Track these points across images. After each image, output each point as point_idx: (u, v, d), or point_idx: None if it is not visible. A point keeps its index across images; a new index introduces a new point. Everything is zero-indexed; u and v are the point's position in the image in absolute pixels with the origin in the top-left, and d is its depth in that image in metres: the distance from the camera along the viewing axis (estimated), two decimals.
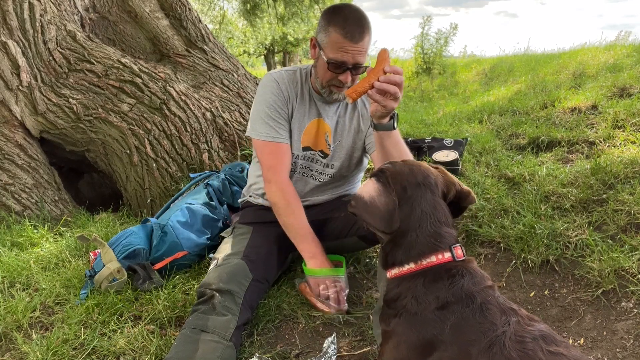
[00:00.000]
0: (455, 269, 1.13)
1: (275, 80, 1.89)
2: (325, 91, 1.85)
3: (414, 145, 3.18)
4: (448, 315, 1.06)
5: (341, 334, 1.69)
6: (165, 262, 2.02)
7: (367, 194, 1.20)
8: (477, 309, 1.06)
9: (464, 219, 2.28)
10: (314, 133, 1.94)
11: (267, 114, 1.86)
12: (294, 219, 1.84)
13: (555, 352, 0.97)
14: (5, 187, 2.76)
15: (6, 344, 1.70)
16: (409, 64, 8.45)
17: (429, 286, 1.12)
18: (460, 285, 1.10)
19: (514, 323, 1.02)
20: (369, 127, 1.94)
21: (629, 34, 7.73)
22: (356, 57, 1.71)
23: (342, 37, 1.68)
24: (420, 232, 1.16)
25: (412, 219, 1.17)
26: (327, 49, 1.73)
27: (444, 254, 1.15)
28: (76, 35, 3.09)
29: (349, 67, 1.73)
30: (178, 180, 2.85)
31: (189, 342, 1.48)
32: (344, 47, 1.69)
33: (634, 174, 2.17)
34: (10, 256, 2.24)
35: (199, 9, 15.19)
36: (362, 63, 1.74)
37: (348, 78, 1.76)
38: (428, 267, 1.14)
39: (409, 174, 1.22)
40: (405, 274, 1.16)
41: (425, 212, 1.17)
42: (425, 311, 1.09)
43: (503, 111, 3.88)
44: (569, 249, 1.90)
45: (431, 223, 1.17)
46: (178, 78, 3.22)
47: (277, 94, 1.87)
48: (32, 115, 2.89)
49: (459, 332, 1.04)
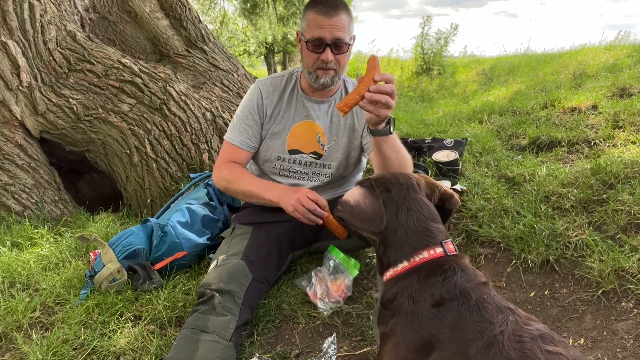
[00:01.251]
0: (448, 264, 1.14)
1: (258, 89, 1.96)
2: (312, 77, 1.86)
3: (414, 145, 3.18)
4: (445, 313, 1.07)
5: (341, 334, 1.69)
6: (166, 262, 2.02)
7: (352, 198, 1.24)
8: (473, 307, 1.06)
9: (464, 219, 2.28)
10: (302, 135, 1.94)
11: (241, 119, 1.95)
12: (245, 182, 1.87)
13: (553, 352, 0.97)
14: (5, 187, 2.76)
15: (6, 344, 1.70)
16: (409, 64, 8.45)
17: (423, 283, 1.13)
18: (453, 281, 1.10)
19: (512, 322, 1.02)
20: (364, 127, 1.94)
21: (629, 34, 7.73)
22: (333, 31, 1.74)
23: (316, 14, 1.74)
24: (409, 229, 1.18)
25: (399, 217, 1.19)
26: (306, 32, 1.79)
27: (436, 249, 1.16)
28: (76, 35, 3.09)
29: (328, 43, 1.76)
30: (178, 181, 2.85)
31: (189, 342, 1.48)
32: (319, 23, 1.74)
33: (634, 174, 2.17)
34: (10, 256, 2.24)
35: (199, 9, 15.19)
36: (341, 39, 1.77)
37: (329, 56, 1.77)
38: (421, 264, 1.15)
39: (392, 177, 1.27)
40: (400, 274, 1.17)
41: (410, 209, 1.20)
42: (421, 309, 1.09)
43: (503, 111, 3.88)
44: (569, 249, 1.90)
45: (418, 219, 1.19)
46: (178, 78, 3.22)
47: (257, 102, 1.94)
48: (32, 116, 2.89)
49: (457, 331, 1.04)
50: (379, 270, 1.26)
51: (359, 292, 1.92)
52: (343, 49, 1.80)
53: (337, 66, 1.82)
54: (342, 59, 1.83)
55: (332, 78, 1.85)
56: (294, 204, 1.70)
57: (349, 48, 1.83)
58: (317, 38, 1.76)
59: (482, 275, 1.16)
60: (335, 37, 1.75)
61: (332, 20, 1.73)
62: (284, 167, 1.98)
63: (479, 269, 1.51)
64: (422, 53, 8.09)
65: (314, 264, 2.09)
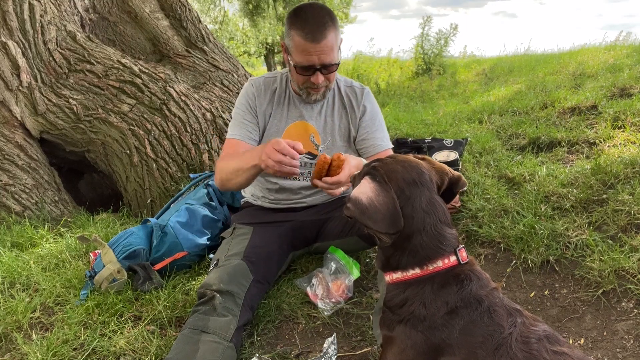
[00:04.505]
0: (463, 274, 1.10)
1: (252, 85, 1.94)
2: (303, 93, 1.85)
3: (414, 145, 3.18)
4: (457, 320, 1.05)
5: (341, 334, 1.69)
6: (166, 262, 2.02)
7: (364, 195, 1.12)
8: (484, 311, 1.05)
9: (464, 219, 2.28)
10: (296, 136, 1.93)
11: (238, 114, 1.92)
12: (232, 161, 1.78)
13: (559, 352, 0.98)
14: (5, 187, 2.76)
15: (6, 344, 1.70)
16: (409, 64, 8.45)
17: (437, 292, 1.09)
18: (469, 290, 1.08)
19: (520, 324, 1.03)
20: (358, 130, 1.94)
21: (629, 35, 7.72)
22: (321, 57, 1.70)
23: (303, 40, 1.67)
24: (425, 235, 1.12)
25: (415, 220, 1.11)
26: (294, 54, 1.73)
27: (450, 257, 1.12)
28: (76, 35, 3.09)
29: (317, 68, 1.73)
30: (178, 181, 2.85)
31: (189, 342, 1.48)
32: (307, 49, 1.68)
33: (634, 174, 2.17)
34: (10, 256, 2.24)
35: (199, 9, 15.18)
36: (329, 62, 1.73)
37: (319, 79, 1.75)
38: (435, 272, 1.11)
39: (403, 172, 1.16)
40: (410, 279, 1.12)
41: (427, 212, 1.13)
42: (434, 317, 1.07)
43: (503, 111, 3.88)
44: (569, 249, 1.90)
45: (434, 224, 1.13)
46: (178, 78, 3.22)
47: (252, 99, 1.91)
48: (32, 116, 2.89)
49: (467, 335, 1.04)
50: (382, 267, 1.20)
51: (359, 292, 1.92)
52: (332, 69, 1.77)
53: (327, 83, 1.80)
54: (333, 77, 1.81)
55: (323, 94, 1.85)
56: (265, 160, 1.57)
57: (337, 66, 1.79)
58: (307, 65, 1.71)
59: (491, 280, 1.15)
60: (323, 63, 1.71)
61: (320, 45, 1.67)
62: None
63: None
64: (422, 53, 8.09)
65: (314, 264, 2.09)
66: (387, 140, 1.97)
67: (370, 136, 1.93)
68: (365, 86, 2.01)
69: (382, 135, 1.95)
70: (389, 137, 2.01)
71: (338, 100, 1.96)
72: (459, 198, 2.39)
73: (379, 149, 1.93)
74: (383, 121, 2.01)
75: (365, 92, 1.97)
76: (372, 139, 1.93)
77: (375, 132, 1.94)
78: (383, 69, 8.59)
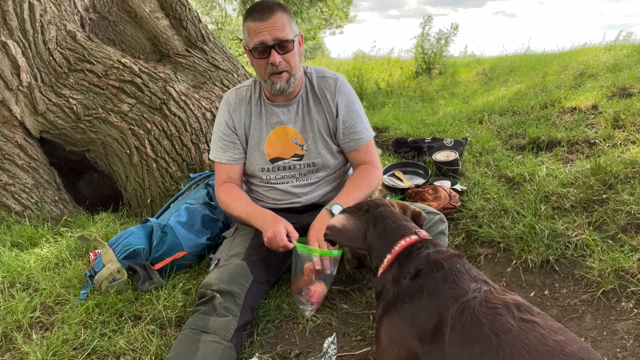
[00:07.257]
0: (421, 243, 1.29)
1: (226, 102, 1.97)
2: (268, 84, 1.83)
3: (414, 145, 3.18)
4: (422, 282, 1.17)
5: (341, 334, 1.69)
6: (166, 262, 2.02)
7: (338, 222, 1.44)
8: (447, 274, 1.15)
9: (464, 219, 2.28)
10: (278, 142, 1.92)
11: (219, 136, 1.96)
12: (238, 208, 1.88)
13: (527, 320, 0.99)
14: (5, 187, 2.76)
15: (6, 344, 1.70)
16: (409, 64, 8.45)
17: (402, 264, 1.26)
18: (425, 254, 1.23)
19: (486, 291, 1.09)
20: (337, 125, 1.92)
21: (630, 35, 7.71)
22: (273, 32, 1.72)
23: (252, 22, 1.73)
24: (387, 229, 1.36)
25: (377, 225, 1.38)
26: (249, 42, 1.77)
27: (411, 237, 1.33)
28: (76, 35, 3.09)
29: (271, 46, 1.73)
30: (178, 181, 2.85)
31: (190, 342, 1.48)
32: (257, 28, 1.72)
33: (634, 174, 2.17)
34: (10, 256, 2.25)
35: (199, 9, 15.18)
36: (282, 38, 1.73)
37: (276, 58, 1.74)
38: (400, 251, 1.30)
39: (369, 201, 1.51)
40: (387, 267, 1.31)
41: (386, 217, 1.39)
42: (403, 285, 1.21)
43: (503, 111, 3.88)
44: (569, 249, 1.90)
45: (393, 221, 1.38)
46: (178, 78, 3.21)
47: (227, 116, 1.94)
48: (32, 116, 2.89)
49: (434, 297, 1.12)
50: (374, 270, 1.37)
51: (359, 292, 1.92)
52: (289, 48, 1.75)
53: (288, 67, 1.77)
54: (292, 59, 1.78)
55: (287, 81, 1.80)
56: (269, 237, 1.71)
57: (295, 46, 1.78)
58: (259, 43, 1.73)
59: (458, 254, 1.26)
60: (276, 38, 1.72)
61: (269, 22, 1.71)
62: (271, 178, 1.95)
63: (479, 269, 1.51)
64: (422, 53, 8.08)
65: None
66: (367, 131, 1.96)
67: (350, 131, 1.92)
68: (339, 75, 1.98)
69: (361, 128, 1.94)
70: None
71: (312, 95, 1.93)
72: (458, 198, 2.40)
73: (360, 143, 1.93)
74: (361, 109, 1.99)
75: (338, 84, 1.93)
76: (353, 134, 1.93)
77: (355, 125, 1.93)
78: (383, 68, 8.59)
